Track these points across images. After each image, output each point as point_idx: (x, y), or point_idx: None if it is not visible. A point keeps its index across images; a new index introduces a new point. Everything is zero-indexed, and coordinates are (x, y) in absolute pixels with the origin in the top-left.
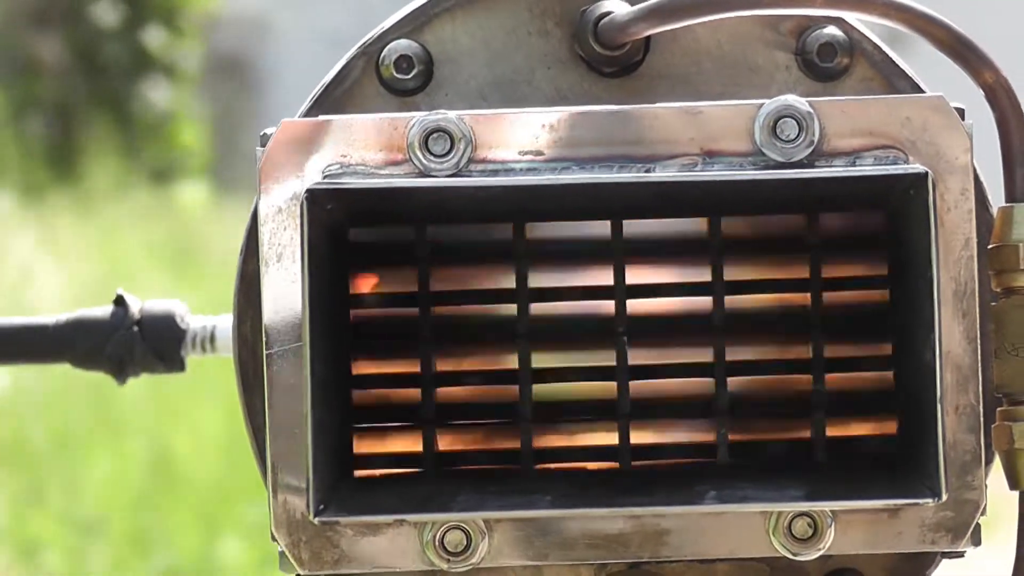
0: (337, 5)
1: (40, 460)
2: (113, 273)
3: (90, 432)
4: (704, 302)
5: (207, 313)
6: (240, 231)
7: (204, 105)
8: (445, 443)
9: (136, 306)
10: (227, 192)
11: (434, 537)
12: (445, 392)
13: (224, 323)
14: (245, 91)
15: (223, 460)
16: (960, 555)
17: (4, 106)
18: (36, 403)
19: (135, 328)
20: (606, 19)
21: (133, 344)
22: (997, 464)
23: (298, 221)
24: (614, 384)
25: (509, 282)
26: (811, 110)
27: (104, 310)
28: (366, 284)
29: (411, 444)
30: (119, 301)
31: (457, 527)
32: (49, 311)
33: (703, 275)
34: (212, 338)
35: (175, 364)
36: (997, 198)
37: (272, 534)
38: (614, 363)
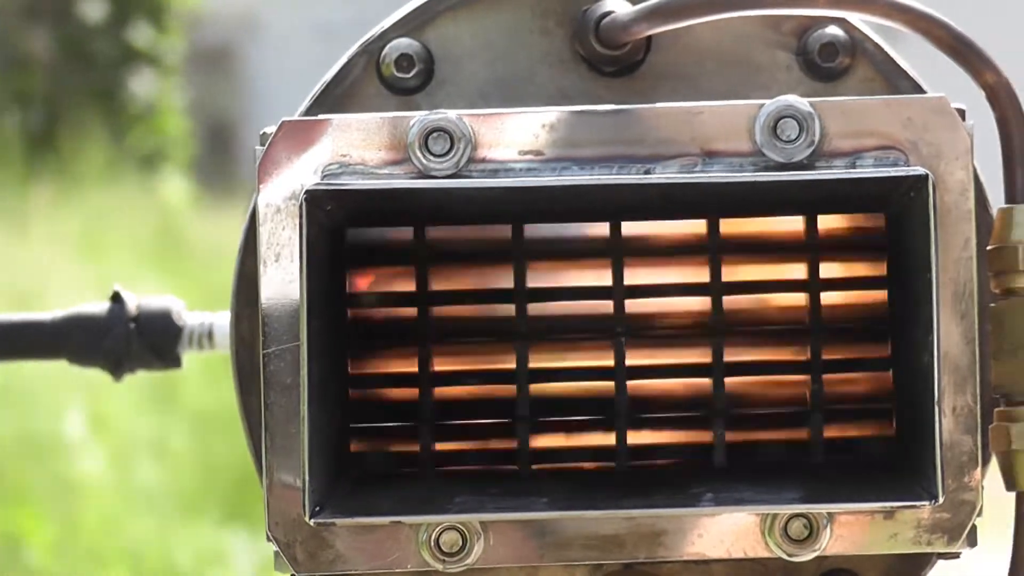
0: None
1: None
2: (97, 264)
3: None
4: (702, 302)
5: (192, 305)
6: (225, 224)
7: (190, 99)
8: (442, 443)
9: (133, 302)
10: (212, 185)
11: (429, 537)
12: (442, 392)
13: (221, 320)
14: (233, 85)
15: None
16: (956, 556)
17: None
18: None
19: (132, 325)
20: (608, 19)
21: (130, 340)
22: (993, 465)
23: (296, 221)
24: (612, 384)
25: (507, 282)
26: (812, 110)
27: (100, 306)
28: (364, 284)
29: (408, 444)
30: (116, 297)
31: (453, 527)
32: (36, 302)
33: (701, 276)
34: (210, 335)
35: (172, 360)
36: (997, 199)
37: (268, 534)
38: (612, 363)
